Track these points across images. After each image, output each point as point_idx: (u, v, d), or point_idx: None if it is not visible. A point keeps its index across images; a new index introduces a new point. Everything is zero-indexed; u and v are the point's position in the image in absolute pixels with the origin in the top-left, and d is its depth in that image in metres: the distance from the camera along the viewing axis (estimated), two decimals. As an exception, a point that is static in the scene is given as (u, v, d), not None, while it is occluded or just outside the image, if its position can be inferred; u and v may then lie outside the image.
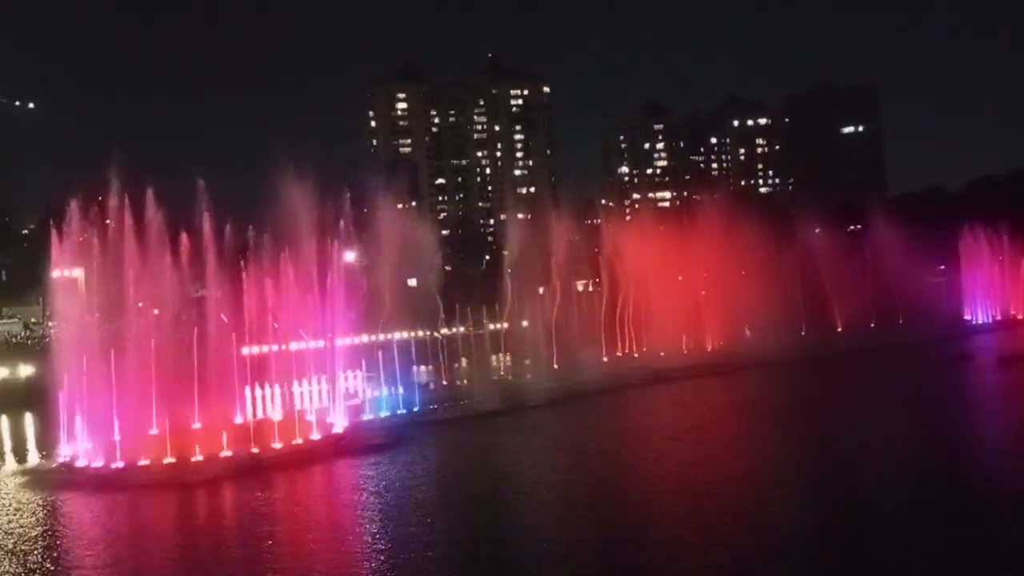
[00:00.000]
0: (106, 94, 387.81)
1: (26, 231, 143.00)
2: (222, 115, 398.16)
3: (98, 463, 46.05)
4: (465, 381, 77.59)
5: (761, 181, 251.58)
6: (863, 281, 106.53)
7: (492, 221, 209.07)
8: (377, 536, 33.51)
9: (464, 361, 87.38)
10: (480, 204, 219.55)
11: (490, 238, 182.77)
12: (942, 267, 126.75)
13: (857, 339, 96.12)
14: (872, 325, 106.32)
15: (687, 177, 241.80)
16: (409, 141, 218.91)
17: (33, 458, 53.50)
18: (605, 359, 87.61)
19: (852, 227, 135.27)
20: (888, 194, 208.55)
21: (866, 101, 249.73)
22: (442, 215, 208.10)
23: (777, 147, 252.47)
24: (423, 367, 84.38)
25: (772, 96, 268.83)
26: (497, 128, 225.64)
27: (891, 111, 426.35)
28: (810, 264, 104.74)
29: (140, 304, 58.75)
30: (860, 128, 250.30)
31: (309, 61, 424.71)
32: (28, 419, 68.84)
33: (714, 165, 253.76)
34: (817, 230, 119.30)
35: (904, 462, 40.97)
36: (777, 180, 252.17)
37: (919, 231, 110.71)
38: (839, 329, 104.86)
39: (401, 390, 72.73)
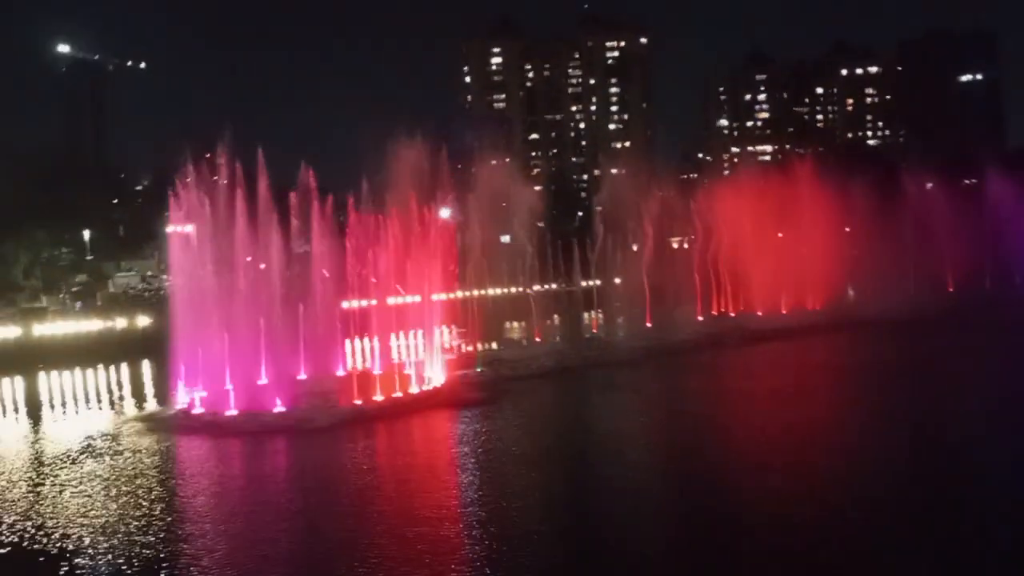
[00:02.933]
0: (209, 53, 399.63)
1: (139, 187, 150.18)
2: (320, 73, 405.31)
3: (213, 411, 48.70)
4: (558, 338, 78.03)
5: (870, 133, 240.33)
6: (977, 239, 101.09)
7: (586, 177, 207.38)
8: (473, 486, 34.56)
9: (557, 318, 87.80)
10: (574, 159, 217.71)
11: (583, 194, 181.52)
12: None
13: (969, 299, 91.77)
14: (987, 285, 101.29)
15: (790, 130, 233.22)
16: (503, 96, 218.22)
17: (151, 405, 56.96)
18: (700, 318, 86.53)
19: (967, 181, 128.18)
20: (1007, 146, 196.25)
21: (984, 47, 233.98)
22: (536, 171, 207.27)
23: (888, 97, 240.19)
24: (516, 323, 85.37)
25: (883, 43, 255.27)
26: (592, 82, 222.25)
27: (1011, 58, 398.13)
28: (920, 221, 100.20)
29: (249, 258, 61.28)
30: (978, 76, 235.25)
31: (403, 17, 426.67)
32: (146, 367, 73.20)
33: (819, 117, 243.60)
34: (929, 185, 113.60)
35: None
36: (887, 132, 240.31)
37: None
38: (951, 289, 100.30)
39: (496, 345, 73.96)
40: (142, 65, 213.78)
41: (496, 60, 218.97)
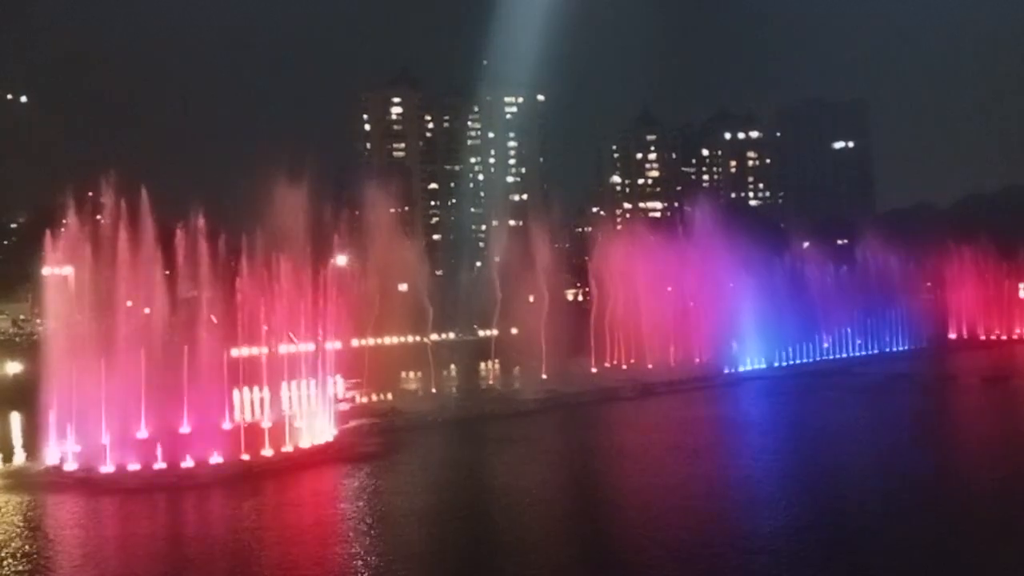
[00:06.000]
0: (98, 92, 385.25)
1: (15, 225, 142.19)
2: (216, 118, 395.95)
3: (87, 466, 45.80)
4: (454, 389, 77.59)
5: (751, 194, 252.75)
6: (849, 297, 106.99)
7: (484, 227, 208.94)
8: (362, 546, 33.59)
9: (453, 368, 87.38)
10: (472, 210, 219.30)
11: (481, 244, 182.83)
12: (928, 284, 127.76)
13: (843, 354, 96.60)
14: (858, 341, 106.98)
15: (678, 188, 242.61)
16: (403, 146, 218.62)
17: (19, 459, 53.10)
18: (594, 370, 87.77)
19: (840, 242, 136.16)
20: (877, 210, 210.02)
21: (856, 116, 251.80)
22: (434, 220, 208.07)
23: (768, 161, 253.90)
24: (412, 373, 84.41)
25: (763, 109, 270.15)
26: (491, 135, 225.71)
27: (881, 126, 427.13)
28: (798, 279, 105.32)
29: (130, 303, 58.57)
30: (850, 143, 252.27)
31: (303, 66, 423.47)
32: (15, 418, 68.35)
33: (705, 177, 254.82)
34: (806, 244, 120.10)
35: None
36: (767, 194, 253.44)
37: (906, 247, 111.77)
38: (825, 344, 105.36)
39: (391, 396, 72.85)
40: (23, 99, 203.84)
41: (396, 110, 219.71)
